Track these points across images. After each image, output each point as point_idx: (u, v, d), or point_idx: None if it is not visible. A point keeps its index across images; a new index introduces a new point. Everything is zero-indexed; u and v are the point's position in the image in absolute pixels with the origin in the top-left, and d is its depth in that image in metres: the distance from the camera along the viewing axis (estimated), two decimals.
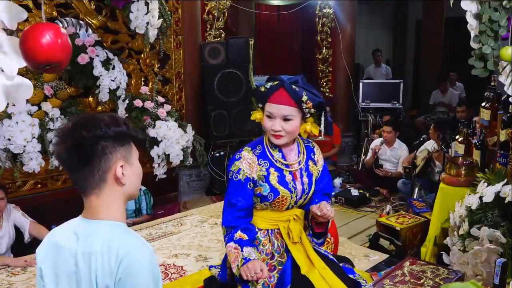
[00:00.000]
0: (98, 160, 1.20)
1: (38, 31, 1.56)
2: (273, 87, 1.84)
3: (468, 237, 2.53)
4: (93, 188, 1.22)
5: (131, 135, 1.27)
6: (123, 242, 1.18)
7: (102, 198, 1.23)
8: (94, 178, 1.21)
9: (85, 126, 1.19)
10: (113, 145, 1.22)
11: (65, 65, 1.72)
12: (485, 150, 3.05)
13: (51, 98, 3.48)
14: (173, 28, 4.49)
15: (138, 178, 1.30)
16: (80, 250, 1.19)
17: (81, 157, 1.20)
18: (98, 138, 1.19)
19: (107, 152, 1.21)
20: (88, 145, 1.18)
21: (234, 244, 1.88)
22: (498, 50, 2.11)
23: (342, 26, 6.30)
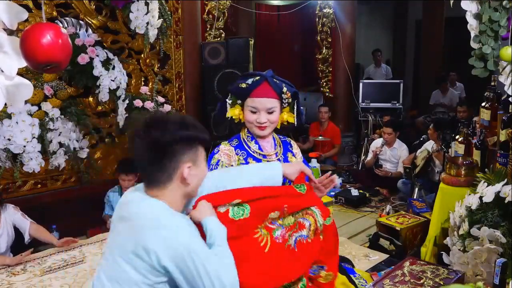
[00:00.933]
0: (169, 161, 1.31)
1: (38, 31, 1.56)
2: (256, 82, 1.86)
3: (468, 237, 2.53)
4: (158, 184, 1.33)
5: (199, 138, 1.36)
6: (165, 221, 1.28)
7: (163, 192, 1.34)
8: (161, 176, 1.32)
9: (158, 128, 1.30)
10: (183, 147, 1.32)
11: (65, 65, 1.72)
12: (485, 150, 3.05)
13: (51, 98, 3.47)
14: (173, 28, 4.49)
15: (202, 177, 1.41)
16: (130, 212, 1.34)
17: (153, 157, 1.31)
18: (169, 142, 1.29)
19: (177, 154, 1.31)
20: (160, 148, 1.29)
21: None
22: (498, 50, 2.11)
23: (342, 26, 6.29)
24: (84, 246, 3.48)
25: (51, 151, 3.35)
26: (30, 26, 1.60)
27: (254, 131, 1.91)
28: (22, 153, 3.20)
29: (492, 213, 2.47)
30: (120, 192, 3.81)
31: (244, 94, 1.87)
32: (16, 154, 3.20)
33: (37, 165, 3.26)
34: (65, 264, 3.18)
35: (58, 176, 3.92)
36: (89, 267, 3.12)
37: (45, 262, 3.20)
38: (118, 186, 3.83)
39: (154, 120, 1.33)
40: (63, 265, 3.17)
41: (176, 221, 1.30)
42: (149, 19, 3.47)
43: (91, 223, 3.87)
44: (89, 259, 3.24)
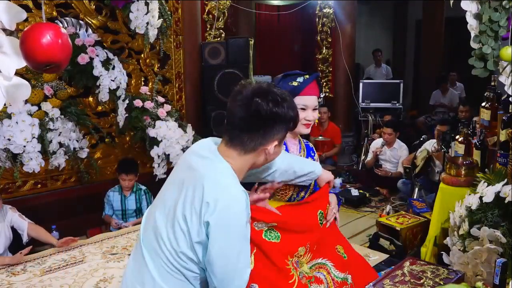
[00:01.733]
0: (263, 133, 1.32)
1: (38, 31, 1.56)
2: (307, 80, 1.92)
3: (468, 237, 2.53)
4: (242, 147, 1.35)
5: (295, 123, 1.41)
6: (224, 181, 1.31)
7: (241, 157, 1.36)
8: (249, 143, 1.33)
9: (271, 99, 1.30)
10: (282, 125, 1.34)
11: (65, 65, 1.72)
12: (485, 150, 3.05)
13: (51, 98, 3.47)
14: (173, 28, 4.49)
15: (276, 156, 1.45)
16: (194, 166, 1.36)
17: (253, 124, 1.31)
18: (277, 115, 1.30)
19: (275, 130, 1.33)
20: (266, 117, 1.29)
21: None
22: (498, 50, 2.11)
23: (342, 26, 6.29)
24: (84, 246, 3.48)
25: (51, 151, 3.35)
26: (30, 26, 1.60)
27: (299, 130, 1.93)
28: (22, 153, 3.20)
29: (492, 213, 2.47)
30: (120, 192, 3.81)
31: (293, 93, 1.87)
32: (16, 154, 3.20)
33: (37, 165, 3.26)
34: (65, 264, 3.18)
35: (58, 176, 3.92)
36: (89, 267, 3.12)
37: (45, 262, 3.20)
38: (118, 186, 3.83)
39: (267, 91, 1.32)
40: (63, 265, 3.17)
41: (240, 196, 1.30)
42: (149, 19, 3.47)
43: (91, 223, 3.87)
44: (89, 259, 3.24)
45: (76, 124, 3.62)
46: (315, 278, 1.81)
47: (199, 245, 1.31)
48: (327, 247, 1.90)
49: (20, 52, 1.61)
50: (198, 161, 1.38)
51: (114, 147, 4.25)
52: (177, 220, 1.32)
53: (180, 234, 1.31)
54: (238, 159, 1.36)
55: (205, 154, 1.39)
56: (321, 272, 1.84)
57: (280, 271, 1.68)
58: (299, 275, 1.74)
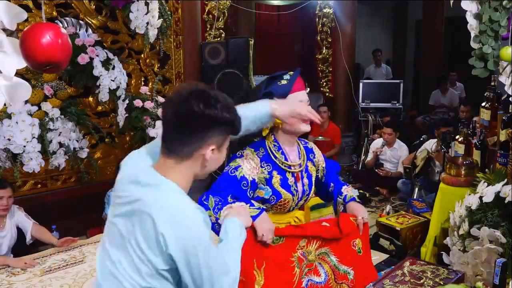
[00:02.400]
0: (197, 136, 1.24)
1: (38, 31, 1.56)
2: (293, 76, 1.88)
3: (468, 237, 2.53)
4: (177, 155, 1.26)
5: (235, 126, 1.31)
6: (174, 204, 1.22)
7: (178, 167, 1.27)
8: (183, 149, 1.25)
9: (204, 99, 1.22)
10: (218, 128, 1.26)
11: (65, 65, 1.72)
12: (485, 150, 3.04)
13: (51, 98, 3.47)
14: (173, 28, 4.49)
15: (218, 165, 1.34)
16: (136, 196, 1.25)
17: (186, 126, 1.23)
18: (209, 117, 1.22)
19: (209, 133, 1.25)
20: (198, 119, 1.22)
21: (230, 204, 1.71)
22: (498, 50, 2.11)
23: (342, 26, 6.29)
24: (84, 246, 3.48)
25: (51, 151, 3.34)
26: (30, 26, 1.60)
27: (301, 128, 1.87)
28: (22, 153, 3.20)
29: (492, 213, 2.47)
30: None
31: (285, 91, 1.85)
32: (16, 154, 3.20)
33: (37, 165, 3.26)
34: (65, 264, 3.18)
35: (58, 176, 3.92)
36: (89, 267, 3.12)
37: (45, 262, 3.20)
38: None
39: (201, 92, 1.26)
40: (63, 265, 3.17)
41: (195, 215, 1.23)
42: (149, 19, 3.47)
43: (91, 223, 3.87)
44: (89, 259, 3.24)
45: (76, 124, 3.62)
46: (315, 268, 1.83)
47: (167, 272, 1.24)
48: (338, 241, 1.90)
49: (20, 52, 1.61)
50: (139, 190, 1.26)
51: (114, 147, 4.25)
52: (134, 252, 1.24)
53: (141, 265, 1.23)
54: (177, 170, 1.27)
55: (144, 181, 1.27)
56: (322, 264, 1.85)
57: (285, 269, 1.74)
58: (302, 267, 1.78)
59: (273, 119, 1.77)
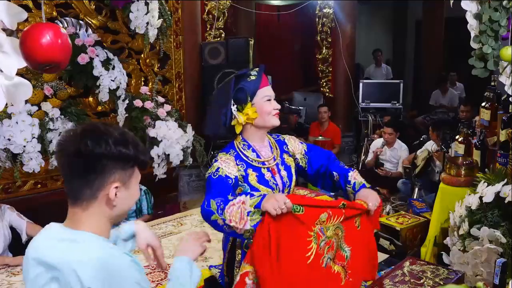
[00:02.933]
0: (95, 176, 1.16)
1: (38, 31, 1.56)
2: (259, 72, 1.91)
3: (468, 237, 2.53)
4: (82, 201, 1.19)
5: (137, 160, 1.22)
6: (96, 255, 1.14)
7: (87, 213, 1.19)
8: (85, 192, 1.17)
9: (93, 137, 1.15)
10: (115, 165, 1.17)
11: (65, 65, 1.71)
12: (485, 150, 3.04)
13: (51, 98, 3.47)
14: (173, 28, 4.49)
15: (131, 202, 1.26)
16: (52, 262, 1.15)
17: (79, 167, 1.16)
18: (101, 155, 1.14)
19: (106, 171, 1.16)
20: (89, 158, 1.14)
21: (232, 201, 1.70)
22: (498, 50, 2.11)
23: (342, 26, 6.29)
24: None
25: (51, 151, 3.34)
26: (30, 26, 1.60)
27: (272, 122, 1.91)
28: (22, 153, 3.20)
29: (492, 213, 2.47)
30: None
31: (255, 87, 1.88)
32: (16, 154, 3.20)
33: (37, 165, 3.26)
34: None
35: (58, 176, 3.91)
36: None
37: None
38: None
39: (89, 130, 1.18)
40: None
41: (122, 261, 1.16)
42: (149, 19, 3.47)
43: None
44: None
45: (76, 124, 3.61)
46: (332, 245, 1.81)
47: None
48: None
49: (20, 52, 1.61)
50: (51, 253, 1.16)
51: None
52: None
53: None
54: (87, 217, 1.19)
55: (53, 244, 1.18)
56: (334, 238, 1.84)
57: (299, 243, 1.70)
58: (320, 244, 1.76)
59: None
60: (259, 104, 1.89)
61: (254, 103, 1.89)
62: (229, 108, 1.89)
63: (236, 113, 1.89)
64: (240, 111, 1.90)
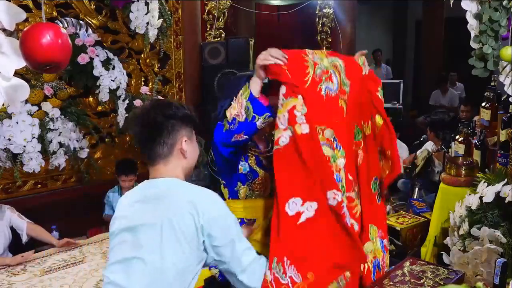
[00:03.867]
0: (168, 134, 1.46)
1: (38, 31, 1.56)
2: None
3: (468, 237, 2.53)
4: (161, 158, 1.47)
5: (193, 119, 1.55)
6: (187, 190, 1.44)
7: (168, 167, 1.48)
8: (163, 150, 1.46)
9: (159, 107, 1.49)
10: (180, 124, 1.49)
11: (65, 65, 1.71)
12: (485, 150, 3.04)
13: (51, 98, 3.47)
14: (173, 28, 4.49)
15: (196, 154, 1.56)
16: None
17: (154, 131, 1.45)
18: (169, 116, 1.46)
19: (176, 129, 1.48)
20: (160, 122, 1.45)
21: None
22: (498, 50, 2.11)
23: (342, 26, 6.29)
24: (84, 246, 3.48)
25: (51, 151, 3.34)
26: (30, 26, 1.60)
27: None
28: (22, 153, 3.20)
29: (492, 213, 2.47)
30: (120, 192, 3.81)
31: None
32: (16, 154, 3.20)
33: (37, 165, 3.25)
34: (65, 264, 3.18)
35: (58, 176, 3.91)
36: (89, 267, 3.12)
37: (45, 262, 3.20)
38: (118, 186, 3.83)
39: (157, 102, 1.59)
40: (63, 265, 3.17)
41: (210, 193, 1.46)
42: (149, 19, 3.46)
43: (91, 223, 3.87)
44: (89, 259, 3.24)
45: (76, 124, 3.61)
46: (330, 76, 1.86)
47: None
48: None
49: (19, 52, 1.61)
50: (156, 205, 1.43)
51: (114, 147, 4.25)
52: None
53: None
54: (170, 169, 1.48)
55: (154, 194, 1.46)
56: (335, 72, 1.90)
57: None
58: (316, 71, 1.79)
59: None
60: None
61: None
62: (228, 101, 1.92)
63: None
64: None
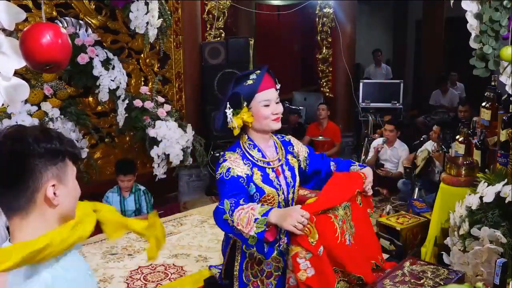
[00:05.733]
0: (26, 179, 1.06)
1: (38, 31, 1.55)
2: (260, 75, 1.85)
3: (469, 237, 2.52)
4: (19, 210, 1.08)
5: (66, 152, 1.13)
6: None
7: (26, 222, 1.09)
8: (20, 199, 1.07)
9: (13, 141, 1.06)
10: (44, 163, 1.07)
11: (65, 65, 1.71)
12: (485, 150, 3.03)
13: (50, 98, 3.47)
14: (173, 28, 4.49)
15: (74, 199, 1.18)
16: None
17: (8, 175, 1.06)
18: (26, 155, 1.05)
19: (37, 171, 1.06)
20: (15, 162, 1.05)
21: (242, 206, 1.69)
22: (499, 50, 2.10)
23: (342, 26, 6.28)
24: (84, 246, 3.47)
25: None
26: (30, 26, 1.59)
27: (271, 126, 1.88)
28: None
29: (492, 213, 2.46)
30: (119, 192, 3.80)
31: (252, 91, 1.84)
32: None
33: None
34: None
35: None
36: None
37: None
38: (116, 186, 3.82)
39: (10, 134, 1.07)
40: None
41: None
42: (149, 19, 3.46)
43: None
44: (89, 259, 3.24)
45: (76, 124, 3.62)
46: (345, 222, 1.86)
47: None
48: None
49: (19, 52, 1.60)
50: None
51: (114, 147, 4.25)
52: None
53: None
54: (27, 226, 1.09)
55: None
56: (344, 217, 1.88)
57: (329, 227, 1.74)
58: (338, 223, 1.80)
59: None
60: (256, 108, 1.85)
61: (252, 107, 1.85)
62: (222, 112, 1.88)
63: (230, 117, 1.86)
64: (235, 115, 1.86)
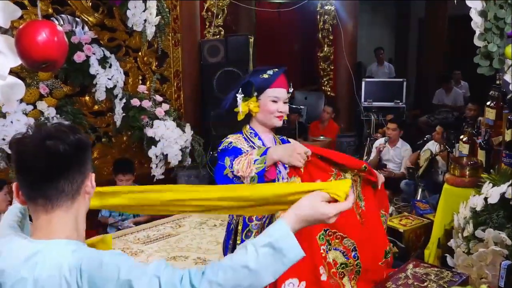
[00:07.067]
0: (75, 171, 1.07)
1: (33, 28, 1.54)
2: (277, 73, 1.98)
3: (473, 239, 2.50)
4: (66, 197, 1.07)
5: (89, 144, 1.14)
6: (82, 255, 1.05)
7: (68, 215, 1.09)
8: (70, 187, 1.07)
9: (58, 135, 1.05)
10: (86, 153, 1.10)
11: (61, 64, 1.69)
12: (490, 150, 3.01)
13: (46, 97, 3.46)
14: (172, 25, 4.45)
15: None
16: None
17: (55, 169, 1.04)
18: (82, 149, 1.08)
19: (82, 163, 1.08)
20: (65, 156, 1.04)
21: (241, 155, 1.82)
22: (503, 48, 2.06)
23: (343, 23, 6.24)
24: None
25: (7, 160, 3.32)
26: (25, 23, 1.56)
27: (273, 122, 1.99)
28: None
29: (497, 214, 2.44)
30: None
31: (266, 85, 1.95)
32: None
33: None
34: None
35: None
36: None
37: None
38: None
39: (51, 130, 1.07)
40: None
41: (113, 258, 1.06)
42: (147, 16, 3.43)
43: (87, 224, 3.82)
44: None
45: (72, 123, 3.58)
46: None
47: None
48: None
49: (15, 50, 1.57)
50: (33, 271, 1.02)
51: (111, 147, 4.22)
52: None
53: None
54: (68, 219, 1.09)
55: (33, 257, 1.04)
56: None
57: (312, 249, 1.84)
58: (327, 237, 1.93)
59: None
60: (264, 101, 1.97)
61: (261, 99, 1.97)
62: (233, 95, 1.99)
63: (240, 101, 1.99)
64: (244, 101, 1.99)
